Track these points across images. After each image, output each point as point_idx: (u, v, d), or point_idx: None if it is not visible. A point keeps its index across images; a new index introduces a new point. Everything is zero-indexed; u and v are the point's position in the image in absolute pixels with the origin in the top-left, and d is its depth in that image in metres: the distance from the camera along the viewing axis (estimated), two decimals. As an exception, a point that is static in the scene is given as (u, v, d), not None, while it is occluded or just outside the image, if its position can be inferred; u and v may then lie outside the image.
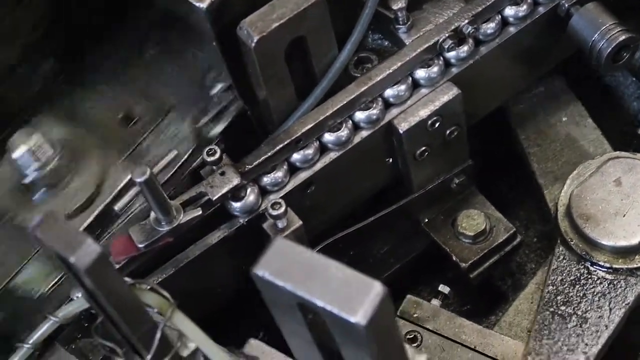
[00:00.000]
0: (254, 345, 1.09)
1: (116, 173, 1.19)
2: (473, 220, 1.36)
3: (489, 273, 1.38)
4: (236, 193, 1.18)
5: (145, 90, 1.25)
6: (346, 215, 1.33)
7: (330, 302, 0.85)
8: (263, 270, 0.89)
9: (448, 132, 1.28)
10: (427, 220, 1.38)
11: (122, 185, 1.18)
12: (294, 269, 0.87)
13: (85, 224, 1.16)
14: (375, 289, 0.84)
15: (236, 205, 1.19)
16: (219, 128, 1.22)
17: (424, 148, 1.28)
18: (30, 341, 1.10)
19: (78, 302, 1.09)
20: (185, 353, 1.04)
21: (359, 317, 0.83)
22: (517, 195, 1.54)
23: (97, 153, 1.20)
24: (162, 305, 0.99)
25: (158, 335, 0.97)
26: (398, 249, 1.43)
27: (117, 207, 1.17)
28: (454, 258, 1.35)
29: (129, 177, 1.17)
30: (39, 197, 1.17)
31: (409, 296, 1.30)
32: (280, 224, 1.16)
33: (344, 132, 1.22)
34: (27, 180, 1.16)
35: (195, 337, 0.97)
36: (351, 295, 0.85)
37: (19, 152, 1.14)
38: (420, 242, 1.42)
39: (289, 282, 0.87)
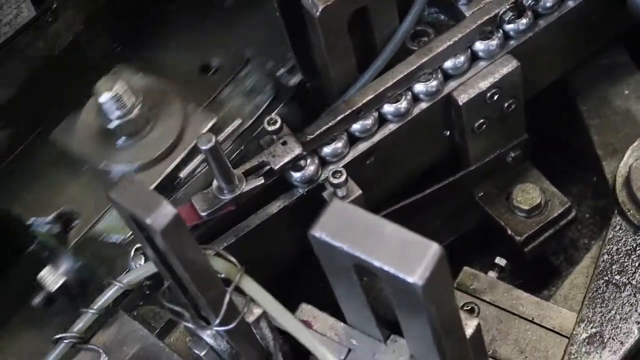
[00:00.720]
0: (306, 310, 1.10)
1: (196, 122, 1.20)
2: (528, 194, 1.36)
3: (542, 248, 1.38)
4: (296, 163, 1.19)
5: (224, 40, 1.27)
6: (402, 188, 1.33)
7: (387, 262, 0.86)
8: (320, 231, 0.90)
9: (506, 105, 1.28)
10: (481, 194, 1.38)
11: (205, 130, 1.20)
12: (351, 230, 0.88)
13: (165, 174, 1.18)
14: (433, 249, 0.84)
15: (296, 175, 1.19)
16: (296, 79, 1.24)
17: (482, 121, 1.28)
18: (95, 306, 1.11)
19: (143, 268, 1.10)
20: (250, 319, 1.05)
21: (417, 277, 0.84)
22: (569, 172, 1.54)
23: (177, 102, 1.21)
24: (230, 271, 1.00)
25: (227, 299, 0.98)
26: (451, 222, 1.43)
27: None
28: (509, 232, 1.35)
29: (209, 125, 1.20)
30: (122, 143, 1.19)
31: (465, 268, 1.30)
32: (340, 192, 1.16)
33: (403, 104, 1.22)
34: (111, 126, 1.18)
35: (264, 301, 0.97)
36: (408, 255, 0.85)
37: (104, 97, 1.16)
38: (474, 217, 1.42)
39: (346, 243, 0.88)
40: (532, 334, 1.21)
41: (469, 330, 0.99)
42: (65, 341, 1.11)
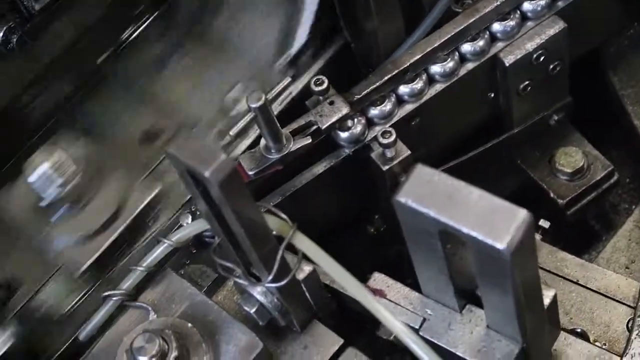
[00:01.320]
0: (379, 279, 1.10)
1: (137, 193, 1.16)
2: (571, 157, 1.35)
3: (583, 211, 1.38)
4: (343, 123, 1.19)
5: (168, 105, 1.21)
6: (445, 151, 1.33)
7: (475, 228, 0.86)
8: (406, 197, 0.89)
9: (551, 66, 1.28)
10: (523, 157, 1.38)
11: (142, 205, 1.16)
12: (437, 195, 0.88)
13: (107, 245, 1.14)
14: (521, 215, 0.84)
15: (343, 135, 1.19)
16: (242, 146, 1.19)
17: (527, 82, 1.27)
18: (144, 264, 1.12)
19: (192, 226, 1.11)
20: (300, 276, 1.05)
21: (505, 243, 0.84)
22: (608, 137, 1.53)
23: (118, 171, 1.16)
24: (282, 228, 1.00)
25: (279, 255, 0.98)
26: (493, 186, 1.42)
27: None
28: (552, 195, 1.35)
29: (149, 198, 1.16)
30: (59, 216, 1.12)
31: (510, 230, 1.29)
32: (389, 153, 1.16)
33: (450, 64, 1.22)
34: (46, 200, 1.10)
35: (317, 257, 0.98)
36: (496, 221, 0.85)
37: (41, 169, 1.08)
38: (515, 180, 1.42)
39: (432, 209, 0.88)
40: (577, 296, 1.21)
41: (546, 300, 0.99)
42: (114, 298, 1.12)
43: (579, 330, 1.17)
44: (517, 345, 1.02)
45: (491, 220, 0.87)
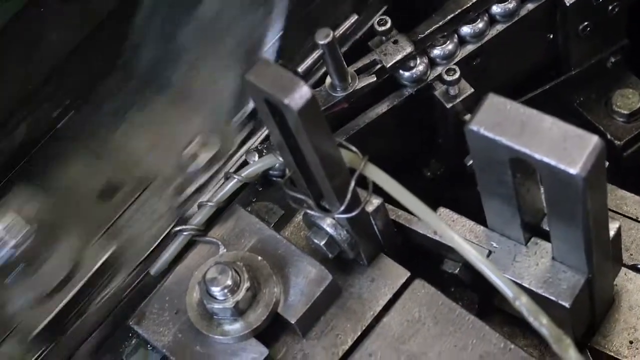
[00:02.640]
0: (444, 213, 1.11)
1: (93, 251, 1.13)
2: (628, 99, 1.36)
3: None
4: (406, 63, 1.21)
5: (126, 160, 1.19)
6: (503, 92, 1.33)
7: (548, 154, 0.87)
8: (478, 125, 0.91)
9: (610, 7, 1.28)
10: (580, 99, 1.39)
11: (99, 265, 1.13)
12: (509, 123, 0.90)
13: (61, 306, 1.11)
14: (594, 141, 0.86)
15: (406, 74, 1.21)
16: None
17: (586, 23, 1.28)
18: (214, 200, 1.14)
19: (261, 161, 1.13)
20: (370, 209, 1.07)
21: (578, 169, 0.85)
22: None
23: (73, 229, 1.13)
24: (353, 160, 1.02)
25: (352, 185, 1.00)
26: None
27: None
28: (608, 136, 1.36)
29: (105, 256, 1.14)
30: (13, 278, 1.09)
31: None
32: (453, 90, 1.18)
33: (511, 4, 1.23)
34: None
35: (390, 186, 0.99)
36: (569, 148, 0.87)
37: None
38: (571, 122, 1.42)
39: (505, 136, 0.89)
40: (637, 232, 1.22)
41: (611, 232, 1.01)
42: (185, 233, 1.14)
43: (639, 266, 1.18)
44: (582, 276, 1.03)
45: (564, 146, 0.88)
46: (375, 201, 1.07)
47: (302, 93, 0.88)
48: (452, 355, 1.04)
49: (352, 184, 1.00)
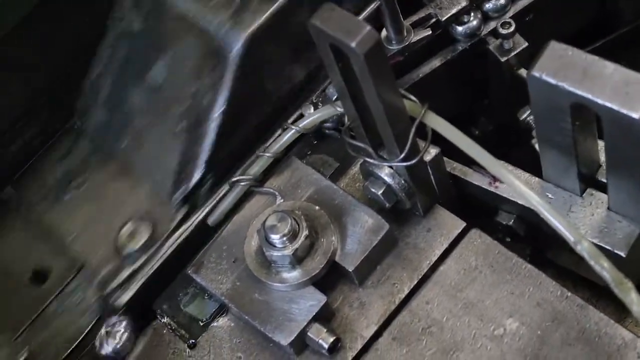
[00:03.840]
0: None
1: (8, 355, 1.11)
2: (677, 57, 1.36)
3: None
4: (460, 18, 1.21)
5: (59, 241, 1.17)
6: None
7: (610, 99, 0.88)
8: (540, 71, 0.92)
9: (663, -37, 1.29)
10: (629, 58, 1.39)
11: None
12: (571, 69, 0.91)
13: None
14: (655, 87, 0.86)
15: (460, 29, 1.22)
16: (125, 297, 1.13)
17: (638, -20, 1.29)
18: (271, 151, 1.16)
19: (319, 112, 1.14)
20: (427, 158, 1.08)
21: (640, 113, 0.86)
22: None
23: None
24: (412, 108, 1.03)
25: (412, 132, 1.01)
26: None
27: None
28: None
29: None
30: None
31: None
32: (507, 44, 1.18)
33: (564, -40, 1.24)
34: None
35: (451, 133, 1.00)
36: (632, 93, 0.88)
37: None
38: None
39: (567, 82, 0.90)
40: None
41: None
42: (242, 184, 1.16)
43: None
44: (638, 226, 1.04)
45: (626, 91, 0.89)
46: (433, 151, 1.08)
47: (368, 36, 0.89)
48: (509, 303, 1.05)
49: (413, 131, 1.01)
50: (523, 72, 1.20)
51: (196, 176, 1.14)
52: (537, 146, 1.16)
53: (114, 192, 1.18)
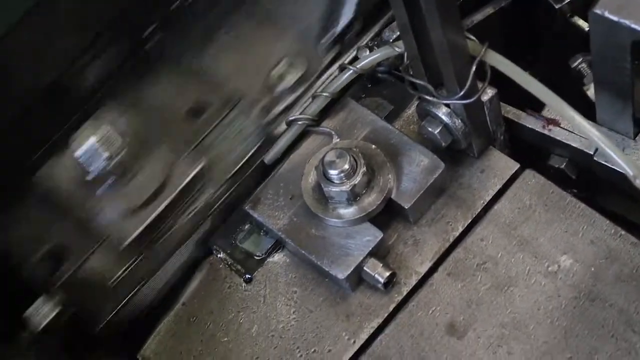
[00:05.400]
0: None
1: (182, 166, 1.14)
2: None
3: None
4: (514, -37, 1.23)
5: (214, 79, 1.18)
6: None
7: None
8: (602, 8, 0.94)
9: None
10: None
11: (187, 180, 1.14)
12: (633, 5, 0.92)
13: (151, 219, 1.13)
14: None
15: (514, -25, 1.23)
16: (283, 127, 1.19)
17: None
18: (329, 91, 1.17)
19: (377, 53, 1.16)
20: (485, 98, 1.10)
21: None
22: None
23: (163, 145, 1.14)
24: (473, 47, 1.05)
25: (473, 69, 1.03)
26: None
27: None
28: None
29: (195, 172, 1.14)
30: (105, 190, 1.10)
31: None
32: (564, -11, 1.20)
33: None
34: (92, 174, 1.08)
35: (512, 71, 1.02)
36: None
37: (85, 145, 1.06)
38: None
39: (629, 18, 0.92)
40: None
41: None
42: (299, 123, 1.18)
43: None
44: (690, 168, 1.06)
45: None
46: (490, 91, 1.09)
47: (435, -30, 0.91)
48: (563, 240, 1.07)
49: (473, 68, 1.03)
50: (576, 19, 1.21)
51: (344, 20, 1.17)
52: (588, 93, 1.18)
53: (263, 37, 1.19)
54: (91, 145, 1.05)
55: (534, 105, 1.16)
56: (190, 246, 1.17)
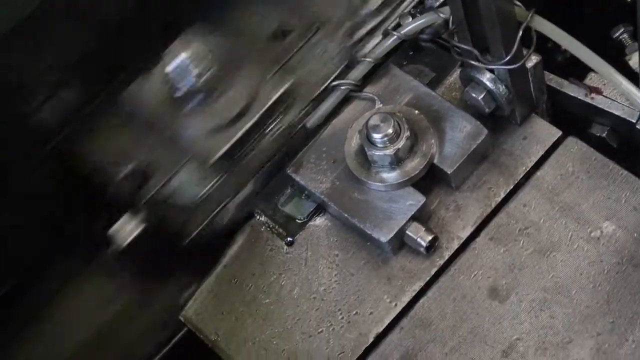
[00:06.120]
0: (595, 78, 1.14)
1: (267, 88, 1.15)
2: None
3: None
4: None
5: (299, 3, 1.17)
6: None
7: None
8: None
9: None
10: None
11: (272, 101, 1.15)
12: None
13: (238, 136, 1.13)
14: None
15: (558, -56, 1.23)
16: (370, 46, 1.19)
17: None
18: (372, 56, 1.18)
19: (421, 19, 1.16)
20: (529, 65, 1.10)
21: None
22: None
23: (249, 66, 1.15)
24: (519, 12, 1.05)
25: (519, 34, 1.03)
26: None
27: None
28: None
29: (281, 91, 1.15)
30: (193, 107, 1.11)
31: None
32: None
33: None
34: (181, 90, 1.09)
35: (559, 36, 1.03)
36: None
37: (178, 59, 1.07)
38: None
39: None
40: None
41: None
42: (342, 88, 1.18)
43: None
44: None
45: None
46: (535, 58, 1.10)
47: None
48: (606, 207, 1.08)
49: (520, 33, 1.03)
50: (620, -14, 1.22)
51: None
52: (630, 63, 1.18)
53: None
54: (182, 62, 1.06)
55: (574, 76, 1.17)
56: (231, 209, 1.17)
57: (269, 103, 1.14)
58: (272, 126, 1.15)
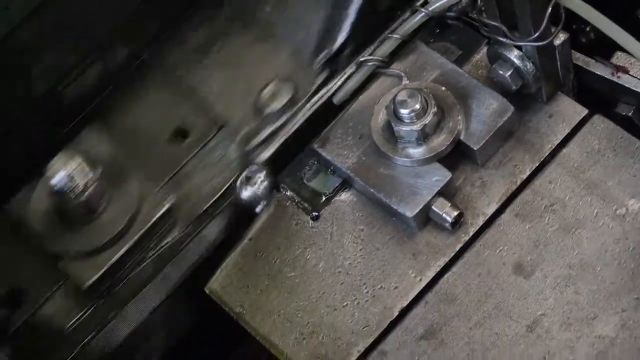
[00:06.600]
0: (621, 57, 1.15)
1: (152, 203, 1.13)
2: None
3: None
4: None
5: (200, 102, 1.18)
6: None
7: None
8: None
9: None
10: None
11: (157, 217, 1.13)
12: None
13: (113, 261, 1.11)
14: None
15: None
16: (267, 154, 1.17)
17: None
18: (400, 33, 1.18)
19: (449, -4, 1.17)
20: (557, 42, 1.10)
21: None
22: None
23: (138, 176, 1.13)
24: (547, -11, 1.05)
25: (549, 10, 1.03)
26: None
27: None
28: None
29: (165, 208, 1.13)
30: (74, 224, 1.10)
31: None
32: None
33: None
34: (62, 206, 1.10)
35: (587, 13, 1.03)
36: None
37: (57, 177, 1.07)
38: None
39: None
40: None
41: None
42: (369, 64, 1.19)
43: None
44: None
45: None
46: (562, 35, 1.10)
47: None
48: (632, 184, 1.08)
49: (549, 10, 1.03)
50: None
51: (340, 40, 1.17)
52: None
53: (255, 56, 1.20)
54: (61, 178, 1.06)
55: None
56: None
57: (152, 221, 1.12)
58: (155, 244, 1.13)
